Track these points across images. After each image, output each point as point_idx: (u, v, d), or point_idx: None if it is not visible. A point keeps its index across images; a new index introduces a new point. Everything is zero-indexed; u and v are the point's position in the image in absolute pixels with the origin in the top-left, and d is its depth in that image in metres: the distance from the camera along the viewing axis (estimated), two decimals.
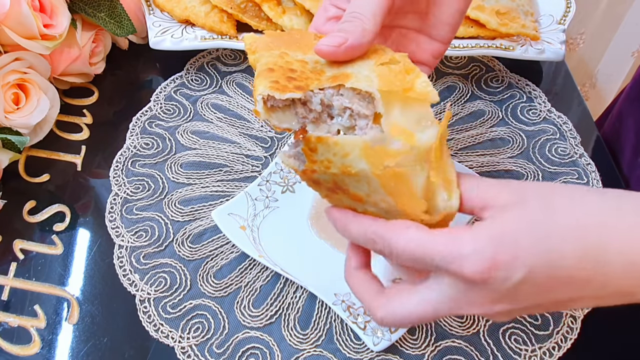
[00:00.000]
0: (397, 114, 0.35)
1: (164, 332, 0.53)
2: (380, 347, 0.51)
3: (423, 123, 0.35)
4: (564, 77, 0.78)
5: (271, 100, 0.36)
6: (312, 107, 0.36)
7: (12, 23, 0.59)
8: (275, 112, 0.37)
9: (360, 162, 0.34)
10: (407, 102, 0.35)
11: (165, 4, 0.72)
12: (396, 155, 0.34)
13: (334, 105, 0.36)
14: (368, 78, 0.35)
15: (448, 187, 0.35)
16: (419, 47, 0.45)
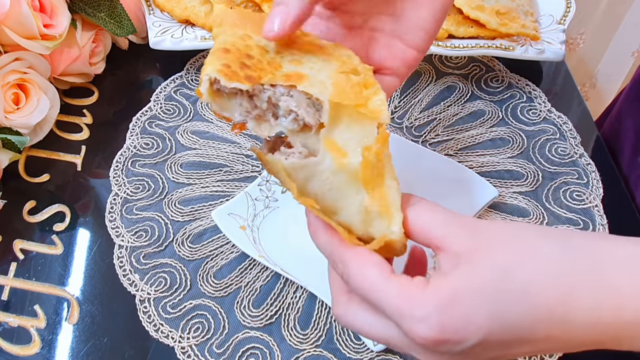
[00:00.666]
0: (342, 129, 0.33)
1: (164, 332, 0.53)
2: (380, 347, 0.51)
3: (364, 142, 0.33)
4: (564, 77, 0.78)
5: (218, 84, 0.34)
6: (257, 103, 0.34)
7: (12, 23, 0.59)
8: (220, 97, 0.35)
9: (287, 182, 0.33)
10: (355, 118, 0.33)
11: (165, 4, 0.72)
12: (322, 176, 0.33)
13: (280, 105, 0.34)
14: (323, 84, 0.34)
15: (386, 212, 0.33)
16: (391, 52, 0.42)
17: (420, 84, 0.74)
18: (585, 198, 0.64)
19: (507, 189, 0.64)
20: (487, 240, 0.32)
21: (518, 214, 0.63)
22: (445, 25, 0.72)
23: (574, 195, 0.64)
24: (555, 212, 0.63)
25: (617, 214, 0.63)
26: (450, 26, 0.72)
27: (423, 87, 0.74)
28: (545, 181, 0.65)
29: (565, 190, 0.65)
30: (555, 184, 0.65)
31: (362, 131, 0.33)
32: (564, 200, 0.64)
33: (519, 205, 0.63)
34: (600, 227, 0.62)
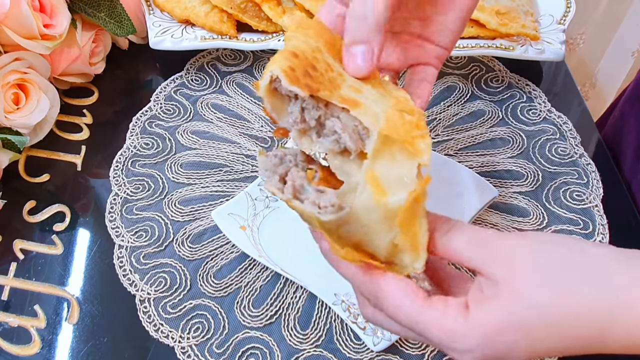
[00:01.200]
0: (384, 164, 0.33)
1: (164, 332, 0.53)
2: (380, 347, 0.51)
3: (404, 181, 0.33)
4: (564, 77, 0.78)
5: (277, 83, 0.34)
6: (307, 117, 0.35)
7: (12, 23, 0.59)
8: (274, 97, 0.36)
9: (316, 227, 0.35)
10: (398, 156, 0.33)
11: (165, 4, 0.72)
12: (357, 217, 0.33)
13: (326, 124, 0.35)
14: (376, 116, 0.34)
15: (414, 249, 0.34)
16: (425, 51, 0.44)
17: None
18: (585, 198, 0.64)
19: (507, 189, 0.64)
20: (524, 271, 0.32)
21: (518, 214, 0.63)
22: None
23: (574, 195, 0.64)
24: (555, 212, 0.63)
25: (617, 214, 0.63)
26: None
27: None
28: (545, 181, 0.65)
29: (565, 190, 0.65)
30: (555, 184, 0.65)
31: (402, 169, 0.33)
32: (564, 200, 0.64)
33: (519, 205, 0.63)
34: (600, 227, 0.62)
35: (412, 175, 0.33)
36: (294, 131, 0.35)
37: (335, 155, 0.35)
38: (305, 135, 0.36)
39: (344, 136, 0.34)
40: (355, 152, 0.34)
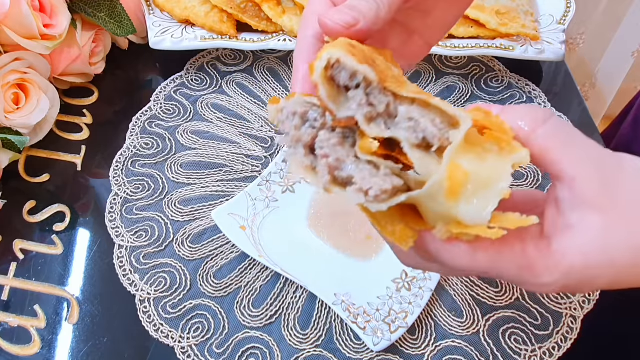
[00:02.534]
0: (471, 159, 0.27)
1: (164, 332, 0.53)
2: (380, 347, 0.51)
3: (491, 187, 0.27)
4: (564, 77, 0.78)
5: (336, 70, 0.29)
6: (374, 101, 0.29)
7: (12, 23, 0.59)
8: (331, 85, 0.30)
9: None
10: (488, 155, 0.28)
11: (165, 4, 0.72)
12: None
13: (399, 111, 0.29)
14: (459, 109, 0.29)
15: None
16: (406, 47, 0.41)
17: (420, 84, 0.74)
18: None
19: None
20: (626, 199, 0.28)
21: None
22: None
23: None
24: None
25: None
26: None
27: (423, 87, 0.74)
28: (545, 181, 0.65)
29: None
30: None
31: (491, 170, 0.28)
32: None
33: None
34: None
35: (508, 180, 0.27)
36: (359, 116, 0.29)
37: (412, 148, 0.28)
38: (374, 122, 0.29)
39: (423, 122, 0.28)
40: (438, 141, 0.28)
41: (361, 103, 0.29)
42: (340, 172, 0.28)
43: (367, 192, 0.27)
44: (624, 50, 1.39)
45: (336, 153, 0.29)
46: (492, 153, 0.28)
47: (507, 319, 0.55)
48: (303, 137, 0.29)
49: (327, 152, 0.29)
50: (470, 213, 0.27)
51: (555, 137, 0.30)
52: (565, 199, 0.29)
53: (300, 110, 0.30)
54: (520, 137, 0.30)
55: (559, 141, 0.29)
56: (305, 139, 0.29)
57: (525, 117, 0.30)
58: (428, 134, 0.28)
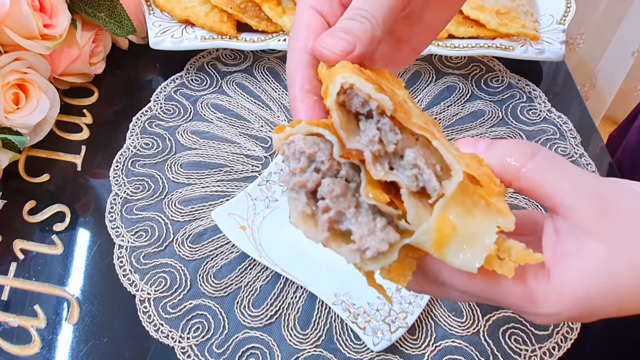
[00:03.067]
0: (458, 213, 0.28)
1: (164, 332, 0.53)
2: (380, 347, 0.51)
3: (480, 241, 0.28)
4: (564, 77, 0.78)
5: (349, 96, 0.28)
6: (385, 140, 0.28)
7: (12, 23, 0.59)
8: (342, 110, 0.29)
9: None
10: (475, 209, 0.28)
11: (165, 4, 0.72)
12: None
13: (405, 156, 0.29)
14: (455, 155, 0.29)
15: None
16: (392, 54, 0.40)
17: (420, 84, 0.74)
18: None
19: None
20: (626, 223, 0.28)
21: None
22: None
23: None
24: None
25: None
26: (450, 26, 0.72)
27: (423, 87, 0.74)
28: None
29: None
30: None
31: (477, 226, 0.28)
32: None
33: (518, 205, 0.63)
34: None
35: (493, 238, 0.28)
36: (368, 153, 0.28)
37: (409, 195, 0.28)
38: (379, 162, 0.29)
39: (427, 173, 0.28)
40: (436, 195, 0.28)
41: (373, 140, 0.28)
42: (339, 225, 0.29)
43: (364, 252, 0.28)
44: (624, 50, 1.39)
45: (338, 206, 0.28)
46: (480, 208, 0.28)
47: (507, 319, 0.55)
48: (308, 183, 0.29)
49: (329, 204, 0.28)
50: (458, 264, 0.28)
51: (545, 169, 0.29)
52: (563, 229, 0.29)
53: (308, 151, 0.29)
54: (510, 173, 0.30)
55: (549, 173, 0.29)
56: (309, 186, 0.29)
57: (514, 152, 0.30)
58: (429, 186, 0.28)
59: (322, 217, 0.29)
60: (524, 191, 0.30)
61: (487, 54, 0.72)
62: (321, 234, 0.29)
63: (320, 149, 0.29)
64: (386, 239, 0.28)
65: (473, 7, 0.71)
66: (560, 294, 0.28)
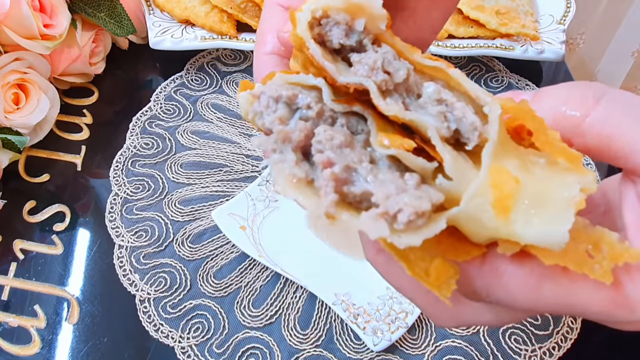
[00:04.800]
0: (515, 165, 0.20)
1: (164, 332, 0.53)
2: (380, 347, 0.51)
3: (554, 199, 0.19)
4: (564, 77, 0.78)
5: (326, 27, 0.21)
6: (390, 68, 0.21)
7: (12, 23, 0.59)
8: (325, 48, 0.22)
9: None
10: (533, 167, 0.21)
11: (165, 4, 0.72)
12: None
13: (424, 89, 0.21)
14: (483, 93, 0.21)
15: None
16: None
17: None
18: None
19: None
20: None
21: None
22: (445, 25, 0.72)
23: None
24: None
25: None
26: (450, 26, 0.72)
27: None
28: None
29: None
30: None
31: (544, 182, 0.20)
32: None
33: None
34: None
35: (576, 189, 0.20)
36: (371, 84, 0.20)
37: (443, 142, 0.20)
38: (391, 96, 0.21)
39: (459, 107, 0.20)
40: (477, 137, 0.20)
41: (375, 67, 0.20)
42: (350, 187, 0.20)
43: (395, 217, 0.18)
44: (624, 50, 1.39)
45: (344, 158, 0.20)
46: (541, 167, 0.21)
47: None
48: (293, 134, 0.21)
49: (330, 157, 0.20)
50: (535, 236, 0.19)
51: (618, 117, 0.22)
52: None
53: (285, 94, 0.21)
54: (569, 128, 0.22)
55: (625, 122, 0.22)
56: (296, 138, 0.21)
57: (570, 99, 0.22)
58: (464, 126, 0.20)
59: (324, 174, 0.19)
60: (590, 150, 0.22)
61: (487, 54, 0.72)
62: (326, 199, 0.19)
63: (302, 91, 0.21)
64: (426, 196, 0.19)
65: (473, 7, 0.71)
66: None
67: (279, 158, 0.21)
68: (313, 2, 0.21)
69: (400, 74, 0.21)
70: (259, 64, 0.29)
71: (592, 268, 0.20)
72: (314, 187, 0.20)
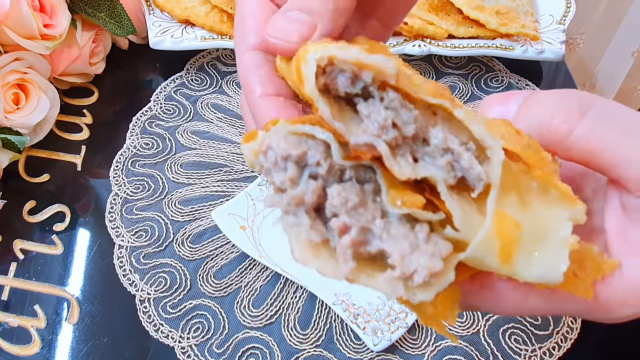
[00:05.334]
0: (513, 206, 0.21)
1: (164, 332, 0.53)
2: (380, 347, 0.51)
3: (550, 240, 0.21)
4: (564, 77, 0.78)
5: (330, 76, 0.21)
6: (399, 121, 0.21)
7: (12, 23, 0.59)
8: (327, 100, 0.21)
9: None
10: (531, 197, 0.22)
11: (165, 4, 0.72)
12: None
13: (431, 138, 0.21)
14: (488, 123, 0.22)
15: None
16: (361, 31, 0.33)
17: None
18: None
19: None
20: None
21: None
22: (445, 25, 0.72)
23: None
24: None
25: None
26: (450, 26, 0.72)
27: None
28: None
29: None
30: None
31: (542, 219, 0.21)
32: None
33: None
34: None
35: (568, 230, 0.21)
36: (382, 145, 0.20)
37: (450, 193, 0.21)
38: (400, 154, 0.21)
39: (465, 157, 0.21)
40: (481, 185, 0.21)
41: (385, 124, 0.20)
42: (367, 247, 0.20)
43: (411, 277, 0.20)
44: (624, 50, 1.39)
45: (359, 220, 0.20)
46: (535, 194, 0.22)
47: (507, 319, 0.55)
48: (306, 197, 0.21)
49: (346, 222, 0.20)
50: (536, 274, 0.21)
51: (603, 131, 0.22)
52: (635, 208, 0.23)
53: (295, 153, 0.21)
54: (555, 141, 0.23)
55: (610, 137, 0.22)
56: (309, 200, 0.21)
57: (557, 111, 0.23)
58: (471, 175, 0.20)
59: (342, 242, 0.20)
60: (577, 162, 0.23)
61: (487, 54, 0.72)
62: (345, 266, 0.21)
63: (310, 147, 0.21)
64: (437, 253, 0.20)
65: (473, 7, 0.71)
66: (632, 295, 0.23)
67: (293, 222, 0.21)
68: (318, 50, 0.20)
69: (409, 128, 0.21)
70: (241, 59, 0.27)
71: (577, 286, 0.22)
72: (330, 247, 0.21)
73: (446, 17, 0.73)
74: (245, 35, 0.27)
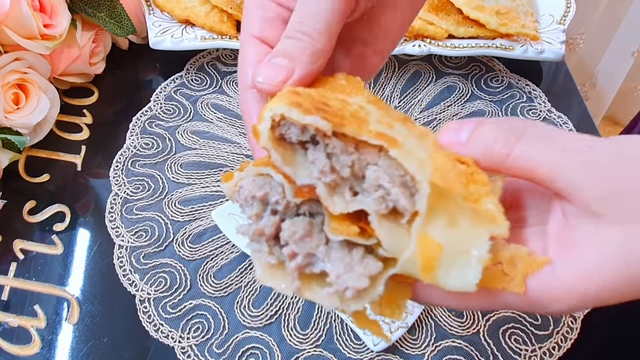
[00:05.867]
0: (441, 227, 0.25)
1: (164, 332, 0.53)
2: (380, 347, 0.51)
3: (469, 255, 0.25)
4: (564, 77, 0.78)
5: (284, 128, 0.26)
6: (337, 165, 0.26)
7: (12, 23, 0.59)
8: (283, 148, 0.26)
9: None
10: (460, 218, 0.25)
11: (165, 4, 0.72)
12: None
13: (367, 176, 0.26)
14: (421, 162, 0.25)
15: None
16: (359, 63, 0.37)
17: (420, 84, 0.74)
18: None
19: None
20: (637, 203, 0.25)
21: None
22: (445, 25, 0.72)
23: None
24: None
25: None
26: (450, 26, 0.72)
27: (423, 87, 0.74)
28: None
29: None
30: None
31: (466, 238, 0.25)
32: None
33: None
34: None
35: (484, 249, 0.25)
36: (321, 187, 0.26)
37: (380, 219, 0.26)
38: (336, 192, 0.26)
39: (394, 192, 0.25)
40: (409, 214, 0.25)
41: (323, 170, 0.25)
42: (312, 268, 0.26)
43: (344, 292, 0.25)
44: (624, 50, 1.39)
45: (305, 248, 0.26)
46: (467, 215, 0.25)
47: (507, 319, 0.55)
48: (265, 229, 0.27)
49: (294, 249, 0.26)
50: (453, 284, 0.25)
51: (534, 153, 0.26)
52: (572, 213, 0.26)
53: (259, 194, 0.27)
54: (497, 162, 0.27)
55: (540, 157, 0.26)
56: (268, 232, 0.27)
57: (498, 137, 0.27)
58: (399, 206, 0.25)
59: (290, 265, 0.26)
60: (521, 178, 0.27)
61: (487, 54, 0.72)
62: (292, 284, 0.26)
63: (272, 187, 0.27)
64: (366, 273, 0.25)
65: (473, 7, 0.71)
66: (569, 291, 0.25)
67: (256, 248, 0.27)
68: (273, 109, 0.25)
69: (345, 171, 0.26)
70: (242, 99, 0.33)
71: (508, 283, 0.26)
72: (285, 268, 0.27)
73: (446, 17, 0.73)
74: (244, 77, 0.33)
